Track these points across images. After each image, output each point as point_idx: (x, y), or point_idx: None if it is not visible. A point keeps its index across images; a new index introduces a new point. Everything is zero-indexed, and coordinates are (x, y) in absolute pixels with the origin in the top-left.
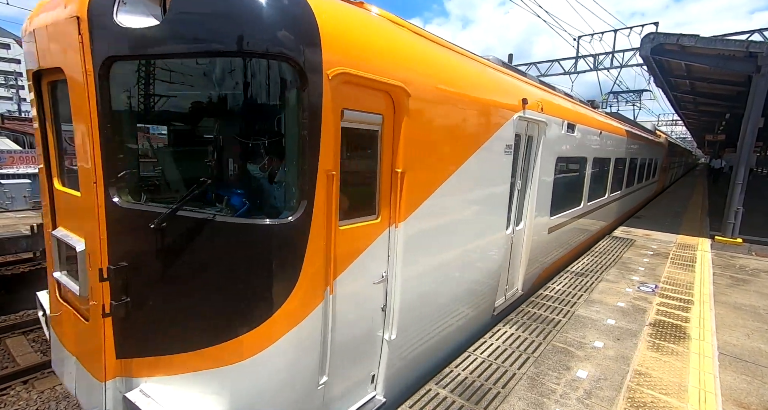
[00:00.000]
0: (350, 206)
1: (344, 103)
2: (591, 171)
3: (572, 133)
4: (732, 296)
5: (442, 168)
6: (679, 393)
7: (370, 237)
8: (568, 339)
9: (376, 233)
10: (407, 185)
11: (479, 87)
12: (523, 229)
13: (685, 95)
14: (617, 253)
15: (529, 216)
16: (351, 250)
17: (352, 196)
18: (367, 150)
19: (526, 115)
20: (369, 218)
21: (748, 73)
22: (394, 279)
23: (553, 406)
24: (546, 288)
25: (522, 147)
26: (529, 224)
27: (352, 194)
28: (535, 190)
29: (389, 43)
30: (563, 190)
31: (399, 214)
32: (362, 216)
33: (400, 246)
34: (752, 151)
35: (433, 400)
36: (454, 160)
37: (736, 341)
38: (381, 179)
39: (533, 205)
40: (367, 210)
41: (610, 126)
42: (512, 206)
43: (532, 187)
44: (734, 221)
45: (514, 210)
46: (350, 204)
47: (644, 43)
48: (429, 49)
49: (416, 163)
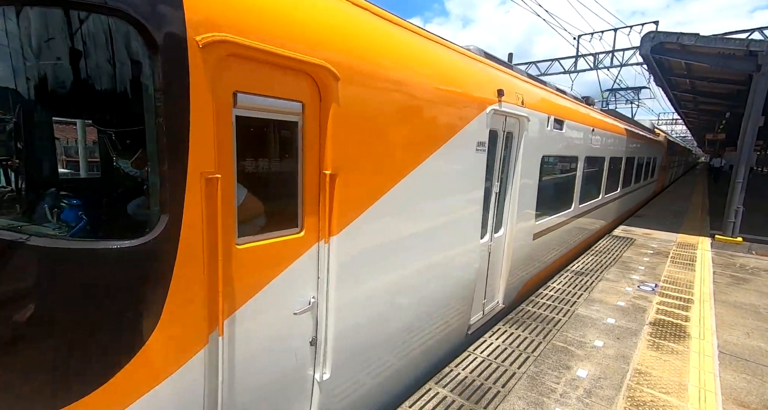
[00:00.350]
0: (258, 217)
1: (236, 84)
2: (583, 171)
3: (560, 130)
4: (732, 295)
5: (390, 169)
6: (679, 392)
7: (289, 255)
8: (568, 339)
9: (299, 250)
10: (341, 190)
11: (440, 74)
12: (504, 236)
13: (685, 94)
14: (617, 252)
15: (510, 222)
16: (259, 274)
17: (262, 205)
18: (283, 146)
19: (502, 109)
20: (288, 232)
21: (748, 71)
22: (326, 306)
23: (553, 405)
24: (546, 288)
25: (499, 145)
26: (510, 230)
27: (262, 202)
28: (517, 192)
29: (311, 11)
30: (551, 192)
31: (331, 226)
32: (277, 230)
33: (333, 265)
34: (752, 149)
35: (433, 399)
36: (408, 159)
37: (736, 340)
38: (305, 183)
39: (514, 210)
40: (284, 223)
41: (604, 123)
42: (489, 211)
43: (513, 190)
44: (734, 220)
45: (492, 215)
46: (259, 214)
47: (644, 41)
48: (370, 24)
49: (353, 163)
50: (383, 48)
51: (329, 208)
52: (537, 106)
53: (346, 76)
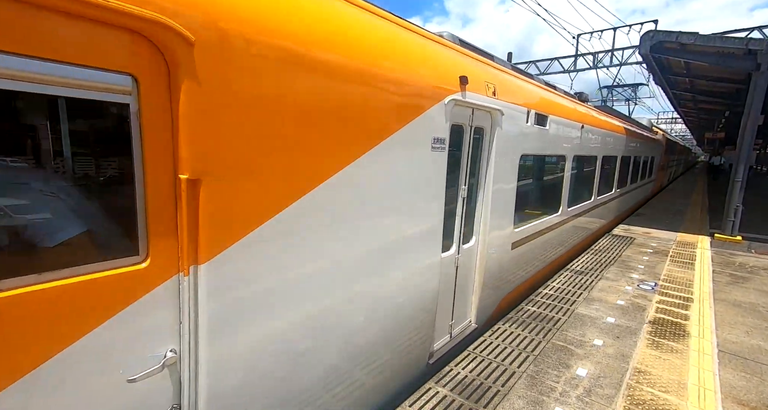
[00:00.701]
0: (48, 244)
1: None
2: (571, 172)
3: (544, 127)
4: (731, 294)
5: (297, 173)
6: (678, 390)
7: (121, 296)
8: (567, 338)
9: (140, 287)
10: (211, 201)
11: (376, 51)
12: (475, 247)
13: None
14: (617, 251)
15: (482, 231)
16: (51, 331)
17: (62, 224)
18: (100, 138)
19: (466, 99)
20: (117, 263)
21: (747, 70)
22: (193, 362)
23: (553, 404)
24: (546, 287)
25: (466, 142)
26: (483, 240)
27: (63, 220)
28: (489, 196)
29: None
30: (534, 195)
31: (197, 251)
32: (96, 262)
33: (203, 305)
34: (752, 148)
35: (433, 399)
36: (326, 160)
37: (735, 338)
38: (147, 191)
39: (487, 217)
40: (110, 249)
41: (596, 120)
42: (456, 220)
43: (485, 194)
44: (734, 219)
45: (459, 225)
46: (50, 238)
47: (643, 40)
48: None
49: (232, 164)
50: (275, 7)
51: (190, 227)
52: (514, 99)
53: (207, 40)
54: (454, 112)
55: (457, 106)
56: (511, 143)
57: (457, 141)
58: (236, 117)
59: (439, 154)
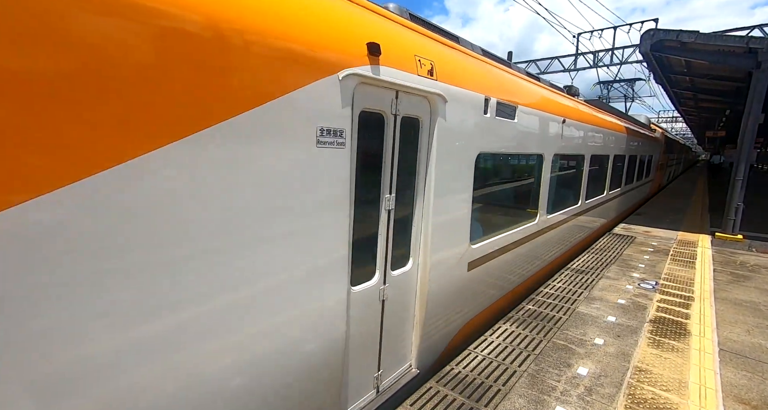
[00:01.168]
0: None
1: None
2: (551, 174)
3: (510, 119)
4: (732, 292)
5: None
6: (679, 389)
7: None
8: (568, 337)
9: None
10: None
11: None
12: (412, 272)
13: (686, 91)
14: (617, 250)
15: (422, 251)
16: None
17: None
18: None
19: (380, 77)
20: None
21: (748, 69)
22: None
23: (554, 403)
24: (546, 286)
25: (389, 136)
26: (424, 263)
27: None
28: (430, 206)
29: None
30: (503, 203)
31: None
32: None
33: None
34: (753, 147)
35: (434, 398)
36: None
37: (736, 337)
38: None
39: (428, 232)
40: None
41: (583, 114)
42: (379, 240)
43: (425, 203)
44: (734, 217)
45: (383, 245)
46: None
47: (644, 39)
48: None
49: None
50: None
51: None
52: (464, 82)
53: None
54: (362, 93)
55: (366, 85)
56: (462, 139)
57: (373, 135)
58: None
59: (333, 152)
